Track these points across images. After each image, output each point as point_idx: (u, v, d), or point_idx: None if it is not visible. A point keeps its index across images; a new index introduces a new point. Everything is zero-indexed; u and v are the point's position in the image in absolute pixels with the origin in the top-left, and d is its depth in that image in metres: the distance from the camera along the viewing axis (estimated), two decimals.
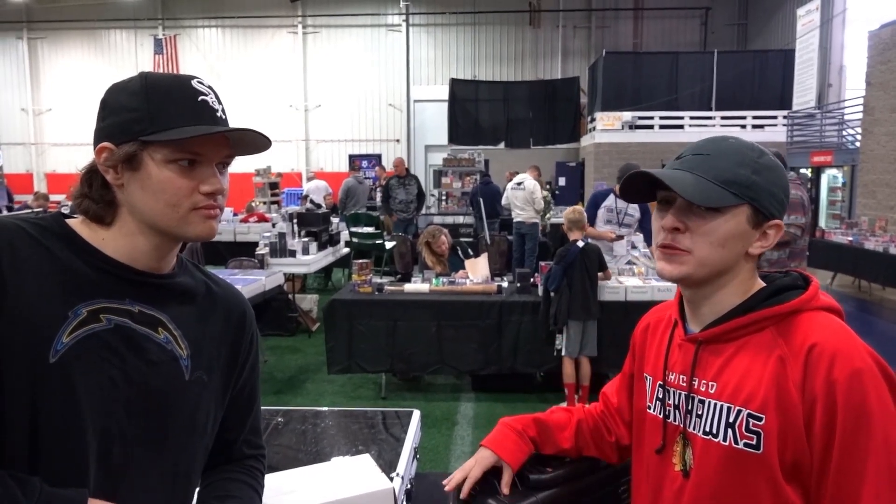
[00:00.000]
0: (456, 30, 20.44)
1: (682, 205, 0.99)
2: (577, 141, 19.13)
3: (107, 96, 0.95)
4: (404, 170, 9.78)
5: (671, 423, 1.07)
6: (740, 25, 20.47)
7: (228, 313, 1.08)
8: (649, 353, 1.17)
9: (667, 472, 1.06)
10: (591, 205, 5.49)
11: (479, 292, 4.78)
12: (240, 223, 8.48)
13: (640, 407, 1.16)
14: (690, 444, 1.02)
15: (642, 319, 1.27)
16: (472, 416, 4.57)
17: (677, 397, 1.06)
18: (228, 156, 0.97)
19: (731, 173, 0.97)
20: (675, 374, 1.07)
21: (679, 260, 1.00)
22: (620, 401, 1.28)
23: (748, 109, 16.15)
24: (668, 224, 1.01)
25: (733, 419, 0.96)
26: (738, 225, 0.98)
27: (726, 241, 0.98)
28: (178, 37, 20.26)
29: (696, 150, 1.03)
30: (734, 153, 1.00)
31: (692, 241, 0.99)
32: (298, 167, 20.65)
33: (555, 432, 1.26)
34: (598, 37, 20.33)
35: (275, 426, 1.80)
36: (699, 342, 1.03)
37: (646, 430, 1.14)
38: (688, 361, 1.05)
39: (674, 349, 1.09)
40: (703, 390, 1.01)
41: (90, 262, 0.92)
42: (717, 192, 0.96)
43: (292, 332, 6.63)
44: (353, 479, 1.27)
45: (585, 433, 1.27)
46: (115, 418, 0.90)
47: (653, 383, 1.13)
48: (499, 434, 1.24)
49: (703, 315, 1.05)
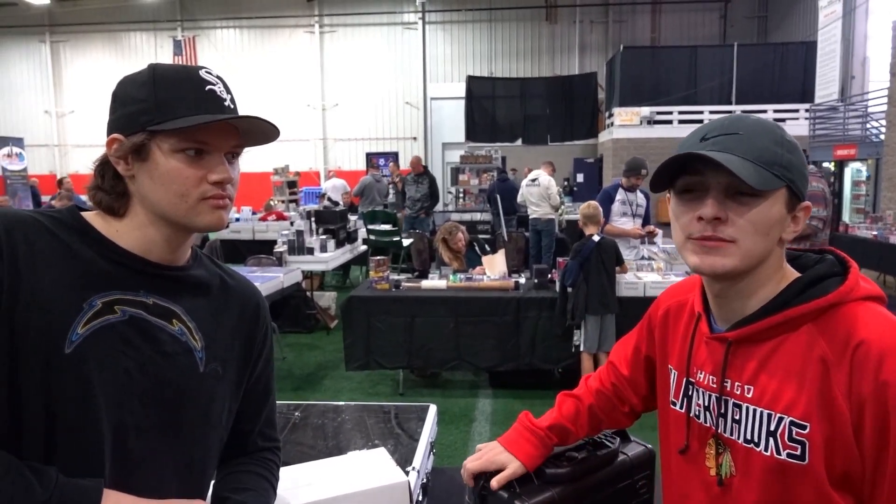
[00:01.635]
0: (472, 27, 20.40)
1: (721, 190, 0.89)
2: (595, 137, 19.01)
3: (117, 88, 0.95)
4: (421, 167, 9.83)
5: (700, 423, 1.00)
6: (760, 18, 20.19)
7: (243, 306, 1.09)
8: (672, 344, 1.09)
9: (697, 475, 1.00)
10: (605, 200, 5.42)
11: (496, 288, 4.77)
12: (258, 221, 8.55)
13: (665, 401, 1.10)
14: (729, 450, 0.95)
15: (660, 300, 1.18)
16: (490, 412, 4.56)
17: (706, 398, 0.99)
18: (237, 145, 0.97)
19: (770, 153, 0.88)
20: (703, 374, 1.00)
21: (723, 252, 0.90)
22: (634, 375, 1.22)
23: (769, 103, 15.93)
24: (710, 213, 0.89)
25: (774, 427, 0.88)
26: (779, 209, 0.90)
27: (770, 228, 0.89)
28: (196, 38, 20.46)
29: (724, 129, 0.92)
30: (765, 131, 0.90)
31: (736, 231, 0.89)
32: (316, 166, 20.76)
33: (571, 430, 1.20)
34: (616, 31, 20.17)
35: (292, 421, 1.80)
36: (729, 342, 0.95)
37: (671, 426, 1.08)
38: (717, 362, 0.97)
39: (699, 345, 1.01)
40: (739, 394, 0.94)
41: (105, 255, 0.92)
42: (763, 174, 0.87)
43: (310, 330, 6.66)
44: (368, 473, 1.27)
45: (599, 415, 1.23)
46: (130, 409, 0.90)
47: (678, 378, 1.06)
48: (520, 439, 1.17)
49: (732, 310, 0.97)
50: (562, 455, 1.18)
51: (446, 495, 1.62)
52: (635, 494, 1.24)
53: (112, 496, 0.84)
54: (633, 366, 1.23)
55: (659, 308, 1.16)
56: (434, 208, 10.12)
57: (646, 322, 1.20)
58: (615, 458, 1.22)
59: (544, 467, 1.14)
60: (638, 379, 1.22)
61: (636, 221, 5.43)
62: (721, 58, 16.91)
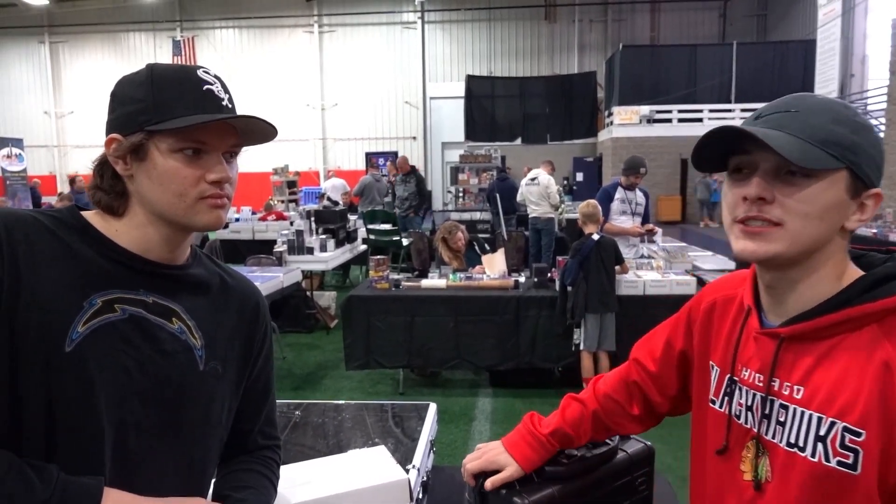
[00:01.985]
0: (471, 26, 20.40)
1: (769, 170, 0.84)
2: (595, 136, 19.02)
3: (115, 88, 0.96)
4: (408, 167, 9.92)
5: (739, 423, 0.95)
6: (759, 16, 20.20)
7: (242, 305, 1.09)
8: (716, 339, 1.03)
9: (732, 478, 0.95)
10: (604, 199, 5.41)
11: (496, 287, 4.77)
12: (258, 221, 8.55)
13: (702, 399, 1.04)
14: (767, 454, 0.90)
15: (704, 294, 1.11)
16: (490, 411, 4.57)
17: (750, 397, 0.93)
18: (235, 145, 0.97)
19: (826, 132, 0.82)
20: (748, 371, 0.94)
21: (767, 236, 0.84)
22: (664, 371, 1.16)
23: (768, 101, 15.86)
24: (754, 192, 0.84)
25: (825, 432, 0.82)
26: (837, 193, 0.83)
27: (824, 212, 0.83)
28: (195, 38, 20.47)
29: (780, 106, 0.87)
30: (827, 109, 0.84)
31: (784, 212, 0.83)
32: (316, 166, 20.77)
33: (572, 436, 1.18)
34: (615, 30, 20.18)
35: (292, 420, 1.81)
36: (781, 338, 0.89)
37: (708, 426, 1.02)
38: (766, 359, 0.90)
39: (747, 341, 0.95)
40: (787, 394, 0.88)
41: (104, 253, 0.93)
42: (815, 153, 0.81)
43: (310, 329, 6.67)
44: (368, 471, 1.28)
45: (604, 421, 1.20)
46: (131, 407, 0.91)
47: (720, 375, 1.00)
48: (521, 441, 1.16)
49: (786, 304, 0.90)
50: (562, 453, 1.19)
51: (447, 493, 1.63)
52: (634, 491, 1.24)
53: (112, 494, 0.85)
54: (662, 363, 1.16)
55: (702, 301, 1.09)
56: (423, 207, 10.18)
57: (683, 316, 1.14)
58: (615, 456, 1.22)
59: (544, 465, 1.15)
60: (667, 376, 1.16)
61: (635, 220, 5.44)
62: (720, 56, 16.91)
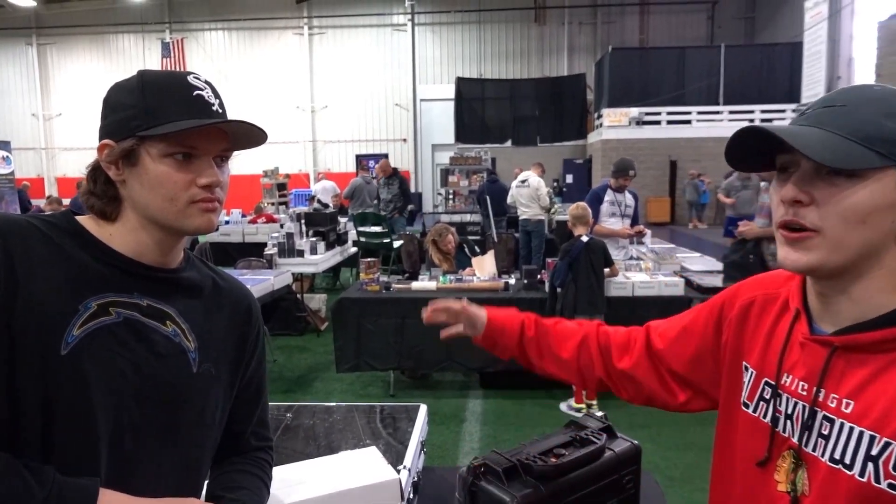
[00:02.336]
0: (461, 28, 20.45)
1: (806, 170, 0.79)
2: (584, 138, 19.10)
3: (108, 95, 0.97)
4: (390, 170, 10.00)
5: (777, 431, 0.89)
6: (747, 19, 20.36)
7: (235, 307, 1.10)
8: (754, 339, 0.98)
9: (765, 487, 0.90)
10: (594, 201, 5.41)
11: (486, 289, 4.80)
12: (248, 224, 8.53)
13: (733, 400, 0.99)
14: (806, 467, 0.84)
15: (740, 290, 1.05)
16: (481, 412, 4.59)
17: (791, 405, 0.87)
18: (226, 149, 0.98)
19: (873, 127, 0.75)
20: (792, 378, 0.88)
21: (807, 244, 0.79)
22: (671, 352, 1.12)
23: (756, 103, 16.07)
24: (789, 195, 0.79)
25: (877, 452, 0.76)
26: (885, 194, 0.76)
27: (868, 215, 0.76)
28: (185, 40, 20.40)
29: (828, 101, 0.81)
30: (880, 102, 0.77)
31: (821, 217, 0.77)
32: (306, 168, 20.73)
33: (555, 340, 1.22)
34: (604, 33, 20.28)
35: (284, 422, 1.82)
36: (834, 347, 0.82)
37: (739, 429, 0.98)
38: (815, 367, 0.84)
39: (793, 346, 0.89)
40: (834, 407, 0.82)
41: (99, 258, 0.94)
42: (854, 150, 0.75)
43: (301, 332, 6.67)
44: (359, 471, 1.29)
45: (592, 350, 1.19)
46: (126, 409, 0.92)
47: (756, 378, 0.95)
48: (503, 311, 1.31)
49: (839, 312, 0.84)
50: (549, 451, 1.21)
51: (437, 494, 1.65)
52: (622, 490, 1.26)
53: (108, 495, 0.86)
54: (673, 343, 1.13)
55: (738, 298, 1.03)
56: (406, 208, 10.25)
57: (715, 310, 1.07)
58: (602, 454, 1.24)
59: (532, 463, 1.17)
60: (674, 359, 1.12)
61: (625, 222, 5.48)
62: (709, 59, 17.03)
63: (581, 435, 1.28)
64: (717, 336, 1.06)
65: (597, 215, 5.35)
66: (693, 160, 15.82)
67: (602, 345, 1.22)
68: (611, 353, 1.21)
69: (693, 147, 16.00)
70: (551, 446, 1.24)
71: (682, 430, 4.14)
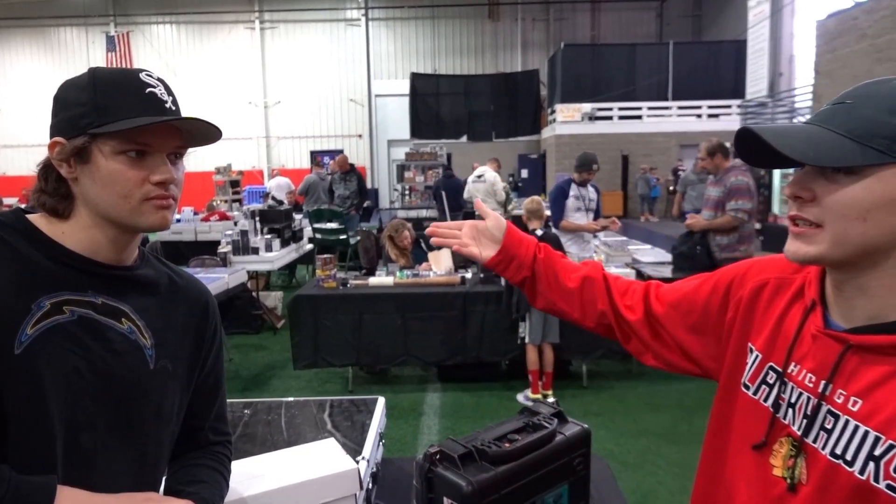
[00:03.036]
0: (415, 24, 20.42)
1: (810, 168, 0.80)
2: (539, 133, 19.32)
3: (58, 93, 0.97)
4: (347, 165, 9.96)
5: (778, 417, 0.90)
6: (694, 17, 20.89)
7: (191, 304, 1.11)
8: (763, 322, 0.97)
9: (759, 470, 0.92)
10: (560, 196, 5.45)
11: (443, 284, 4.84)
12: (201, 222, 8.37)
13: (734, 380, 1.00)
14: (805, 456, 0.85)
15: (751, 270, 1.04)
16: (439, 405, 4.63)
17: (796, 395, 0.88)
18: (180, 147, 0.99)
19: (875, 123, 0.76)
20: (799, 368, 0.89)
21: (809, 237, 0.81)
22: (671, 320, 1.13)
23: (704, 99, 16.52)
24: (788, 191, 0.82)
25: (881, 452, 0.77)
26: (885, 191, 0.76)
27: (867, 211, 0.76)
28: (131, 33, 19.83)
29: (841, 97, 0.81)
30: (887, 97, 0.77)
31: (822, 212, 0.79)
32: (260, 165, 20.42)
33: (562, 269, 1.24)
34: (557, 29, 20.54)
35: (242, 418, 1.82)
36: (849, 345, 0.82)
37: (737, 410, 0.98)
38: (826, 362, 0.85)
39: (805, 338, 0.89)
40: (840, 403, 0.82)
41: (51, 256, 0.94)
42: (848, 148, 0.76)
43: (257, 330, 6.60)
44: (318, 462, 1.31)
45: (597, 284, 1.22)
46: (82, 407, 0.92)
47: (760, 361, 0.95)
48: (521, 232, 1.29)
49: (854, 308, 0.84)
50: (503, 437, 1.25)
51: (396, 484, 1.68)
52: (573, 472, 1.31)
53: (66, 492, 0.86)
54: (672, 308, 1.13)
55: (749, 278, 1.03)
56: (363, 205, 10.25)
57: (722, 285, 1.07)
58: (553, 438, 1.29)
59: (486, 448, 1.21)
60: (670, 322, 1.13)
61: (589, 216, 5.54)
62: (658, 55, 17.42)
63: (533, 420, 1.32)
64: (721, 312, 1.05)
65: (563, 210, 5.40)
66: (644, 154, 16.18)
67: (608, 281, 1.24)
68: (613, 293, 1.22)
69: (644, 142, 16.36)
70: (505, 432, 1.28)
71: (634, 418, 4.26)
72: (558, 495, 1.30)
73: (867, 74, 9.13)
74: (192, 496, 1.01)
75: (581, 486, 1.35)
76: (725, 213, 4.57)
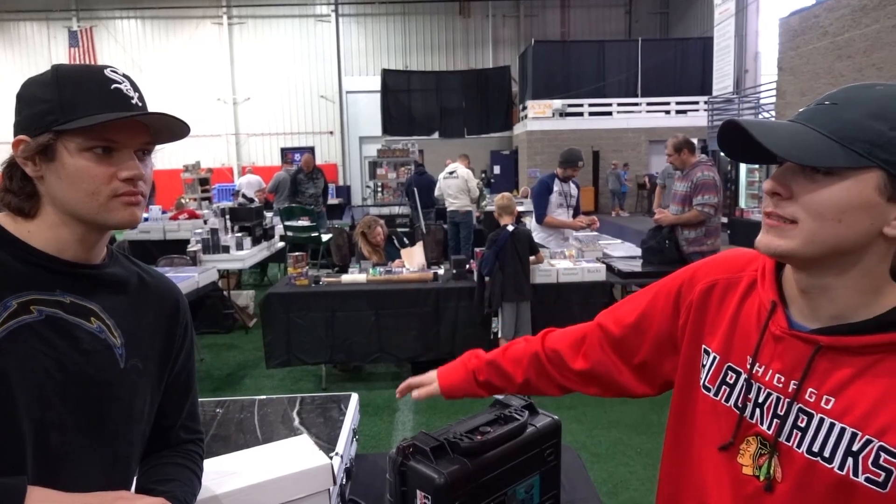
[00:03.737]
0: (386, 20, 20.36)
1: (790, 164, 0.81)
2: (510, 129, 19.42)
3: (21, 90, 0.96)
4: (313, 164, 9.98)
5: (746, 419, 0.91)
6: (662, 14, 21.19)
7: (162, 302, 1.11)
8: (716, 324, 0.99)
9: (729, 471, 0.93)
10: (544, 191, 5.42)
11: (415, 280, 4.85)
12: (169, 220, 8.25)
13: (691, 383, 1.01)
14: (778, 454, 0.87)
15: (698, 272, 1.05)
16: (413, 402, 4.64)
17: (765, 395, 0.89)
18: (148, 143, 0.98)
19: (856, 127, 0.77)
20: (766, 368, 0.90)
21: (782, 232, 0.82)
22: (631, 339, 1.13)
23: (672, 95, 16.76)
24: (767, 187, 0.83)
25: (858, 448, 0.79)
26: (861, 194, 0.77)
27: (842, 213, 0.78)
28: (94, 28, 19.44)
29: (825, 98, 0.82)
30: (870, 102, 0.78)
31: (798, 210, 0.80)
32: (229, 162, 20.19)
33: (508, 369, 1.24)
34: (527, 26, 20.66)
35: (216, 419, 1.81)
36: (819, 346, 0.84)
37: (698, 412, 0.99)
38: (796, 363, 0.86)
39: (769, 339, 0.90)
40: (813, 402, 0.84)
41: (17, 255, 0.93)
42: (830, 149, 0.77)
43: (228, 329, 6.53)
44: (291, 458, 1.32)
45: (544, 364, 1.22)
46: (52, 407, 0.91)
47: (718, 363, 0.96)
48: (451, 368, 1.31)
49: (818, 308, 0.86)
50: (475, 429, 1.27)
51: (370, 480, 1.69)
52: (544, 462, 1.34)
53: (37, 492, 0.85)
54: (632, 329, 1.12)
55: (698, 280, 1.04)
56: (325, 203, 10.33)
57: (672, 292, 1.08)
58: (524, 430, 1.31)
59: (458, 441, 1.22)
60: (635, 344, 1.12)
61: (569, 212, 5.59)
62: (627, 52, 17.64)
63: (504, 413, 1.35)
64: (674, 318, 1.06)
65: (546, 206, 5.43)
66: (615, 150, 16.37)
67: (551, 356, 1.22)
68: (564, 360, 1.20)
69: (614, 138, 16.56)
70: (477, 425, 1.30)
71: (605, 410, 4.32)
72: (530, 486, 1.32)
73: (828, 71, 9.36)
74: (165, 494, 1.01)
75: (552, 477, 1.38)
76: (692, 207, 4.66)
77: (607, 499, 3.21)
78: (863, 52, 8.65)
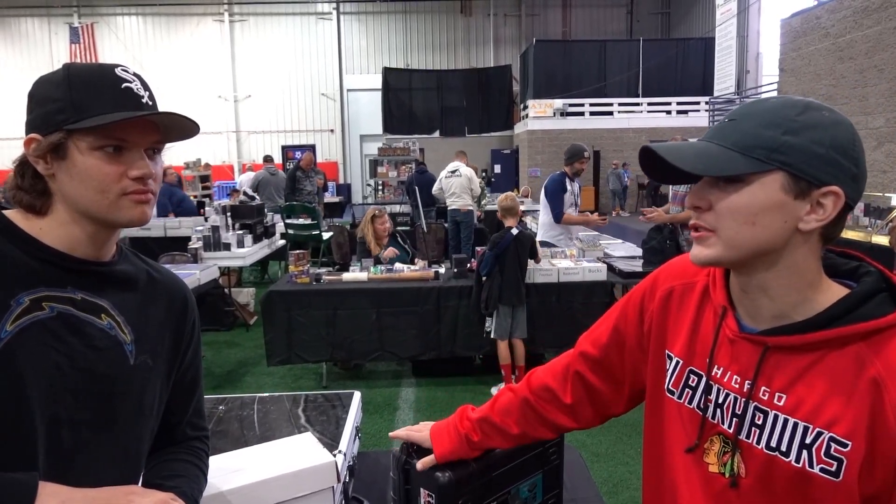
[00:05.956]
0: (387, 18, 20.34)
1: (706, 179, 0.88)
2: (511, 128, 19.41)
3: (33, 89, 0.97)
4: (312, 163, 10.01)
5: (709, 420, 0.96)
6: (663, 14, 21.16)
7: (170, 299, 1.11)
8: (677, 329, 1.03)
9: (698, 470, 0.97)
10: (560, 190, 5.39)
11: (416, 279, 4.85)
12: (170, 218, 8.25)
13: (658, 387, 1.05)
14: (740, 451, 0.91)
15: (657, 279, 1.10)
16: (413, 400, 4.66)
17: (724, 396, 0.94)
18: (157, 141, 0.99)
19: (753, 136, 0.84)
20: (723, 370, 0.95)
21: (705, 241, 0.88)
22: (610, 358, 1.15)
23: (673, 95, 16.75)
24: (689, 201, 0.90)
25: (811, 441, 0.84)
26: (770, 195, 0.84)
27: (755, 215, 0.84)
28: (95, 25, 19.41)
29: (728, 115, 0.90)
30: (765, 113, 0.86)
31: (716, 219, 0.87)
32: (230, 160, 20.18)
33: (500, 424, 1.21)
34: (529, 25, 20.63)
35: (217, 415, 1.82)
36: (767, 347, 0.89)
37: (665, 415, 1.03)
38: (748, 363, 0.91)
39: (724, 342, 0.95)
40: (766, 399, 0.89)
41: (30, 252, 0.93)
42: (730, 159, 0.84)
43: (229, 327, 6.55)
44: (295, 456, 1.33)
45: (534, 408, 1.20)
46: (63, 404, 0.92)
47: (681, 367, 1.01)
48: (444, 430, 1.23)
49: (760, 308, 0.91)
50: None
51: (372, 477, 1.70)
52: (547, 461, 1.35)
53: (48, 488, 0.86)
54: (608, 348, 1.15)
55: (657, 288, 1.09)
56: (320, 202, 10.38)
57: (635, 301, 1.12)
58: None
59: None
60: (614, 362, 1.15)
61: (576, 210, 5.58)
62: (628, 52, 17.63)
63: None
64: (640, 326, 1.10)
65: (562, 205, 5.43)
66: (615, 150, 16.37)
67: (541, 394, 1.21)
68: (557, 397, 1.19)
69: (615, 138, 16.56)
70: None
71: None
72: (533, 484, 1.33)
73: (830, 72, 9.37)
74: (173, 490, 1.02)
75: (554, 476, 1.39)
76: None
77: (608, 498, 3.23)
78: (864, 53, 8.66)
